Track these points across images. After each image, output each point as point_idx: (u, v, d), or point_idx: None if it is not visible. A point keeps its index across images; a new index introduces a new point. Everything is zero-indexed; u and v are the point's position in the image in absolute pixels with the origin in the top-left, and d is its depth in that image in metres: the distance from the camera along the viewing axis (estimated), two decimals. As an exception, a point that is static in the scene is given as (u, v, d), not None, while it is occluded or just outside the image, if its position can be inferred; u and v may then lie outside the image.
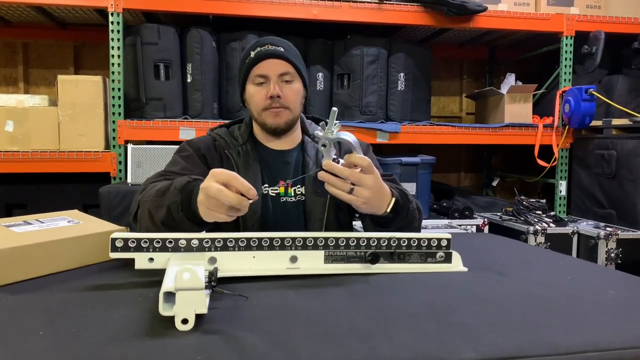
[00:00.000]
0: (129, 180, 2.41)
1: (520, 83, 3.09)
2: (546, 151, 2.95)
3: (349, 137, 0.91)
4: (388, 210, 1.01)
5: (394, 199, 1.03)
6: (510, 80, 3.07)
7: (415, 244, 0.92)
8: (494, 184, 3.68)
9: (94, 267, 0.90)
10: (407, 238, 0.92)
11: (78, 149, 2.48)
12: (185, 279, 0.59)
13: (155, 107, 2.57)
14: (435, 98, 3.65)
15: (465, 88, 3.72)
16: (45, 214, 0.93)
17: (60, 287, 0.79)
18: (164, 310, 0.62)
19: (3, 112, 2.45)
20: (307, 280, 0.85)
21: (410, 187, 2.72)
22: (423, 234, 0.93)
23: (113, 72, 2.49)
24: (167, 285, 0.61)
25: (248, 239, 0.84)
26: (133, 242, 0.78)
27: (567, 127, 2.92)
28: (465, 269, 0.95)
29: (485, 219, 2.74)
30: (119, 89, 2.49)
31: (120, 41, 2.48)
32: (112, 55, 2.48)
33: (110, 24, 2.46)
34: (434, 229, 2.58)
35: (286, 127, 1.31)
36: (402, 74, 2.86)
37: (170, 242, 0.80)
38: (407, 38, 3.21)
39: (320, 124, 0.93)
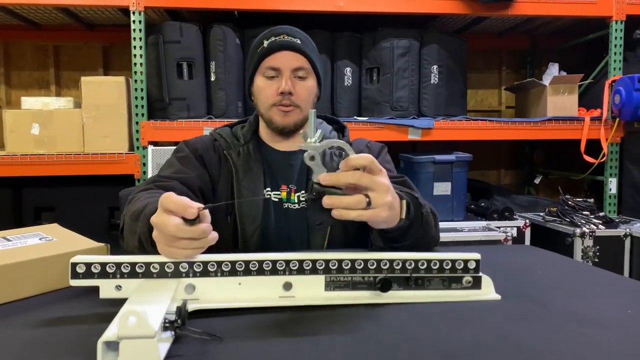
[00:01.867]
0: (152, 182, 2.35)
1: (564, 73, 2.87)
2: (594, 146, 2.73)
3: (335, 140, 0.75)
4: (403, 217, 0.84)
5: (404, 202, 0.86)
6: (553, 70, 2.86)
7: (436, 267, 0.74)
8: (537, 181, 3.45)
9: (61, 292, 0.77)
10: (426, 259, 0.74)
11: (102, 150, 2.45)
12: (130, 324, 0.48)
13: (179, 107, 2.51)
14: (472, 91, 3.46)
15: (505, 80, 3.51)
16: (18, 229, 0.85)
17: (4, 322, 0.66)
18: None
19: (29, 115, 2.44)
20: (303, 313, 0.69)
21: (445, 187, 2.56)
22: (446, 254, 0.76)
23: (135, 72, 2.44)
24: (108, 332, 0.50)
25: (233, 262, 0.70)
26: (96, 267, 0.66)
27: (618, 119, 2.69)
28: (498, 297, 0.76)
29: (527, 220, 2.55)
30: (141, 89, 2.44)
31: (142, 40, 2.43)
32: (135, 55, 2.43)
33: (132, 23, 2.41)
34: (470, 232, 2.42)
35: (294, 128, 1.20)
36: (435, 67, 2.70)
37: (141, 266, 0.67)
38: (440, 29, 3.04)
39: (301, 132, 0.76)
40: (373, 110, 2.68)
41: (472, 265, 0.75)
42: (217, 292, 0.69)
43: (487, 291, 0.76)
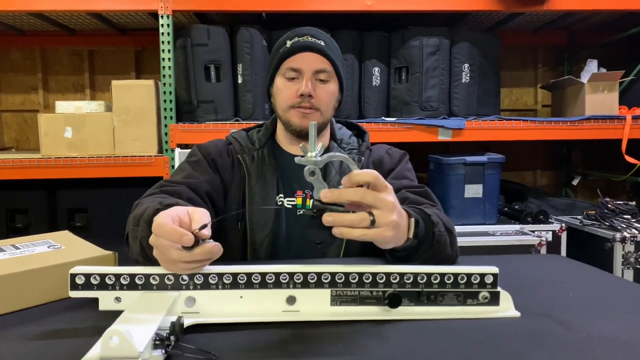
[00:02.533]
0: (179, 184, 2.37)
1: (603, 70, 2.74)
2: (636, 146, 2.60)
3: (338, 154, 0.72)
4: (411, 236, 0.79)
5: (412, 221, 0.81)
6: (591, 67, 2.73)
7: (450, 281, 0.70)
8: (575, 183, 3.32)
9: (65, 302, 0.75)
10: (439, 273, 0.69)
11: (132, 153, 2.48)
12: (113, 345, 0.46)
13: (207, 109, 2.52)
14: (506, 90, 3.35)
15: (541, 78, 3.39)
16: (27, 236, 0.85)
17: (2, 334, 0.65)
18: None
19: (62, 119, 2.50)
20: (307, 330, 0.65)
21: (477, 189, 2.49)
22: (461, 267, 0.71)
23: (164, 76, 2.46)
24: (91, 353, 0.48)
25: (234, 275, 0.67)
26: (96, 278, 0.65)
27: (662, 118, 2.55)
28: (517, 315, 0.71)
29: (563, 224, 2.44)
30: (170, 92, 2.47)
31: (170, 44, 2.45)
32: (163, 59, 2.46)
33: (160, 27, 2.44)
34: (502, 236, 2.34)
35: None
36: (466, 65, 2.63)
37: (141, 278, 0.65)
38: (472, 26, 2.95)
39: (301, 146, 0.72)
40: (402, 110, 2.63)
41: (489, 279, 0.70)
42: (218, 306, 0.67)
43: (506, 308, 0.71)
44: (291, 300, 0.68)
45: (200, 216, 0.70)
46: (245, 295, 0.67)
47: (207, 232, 0.67)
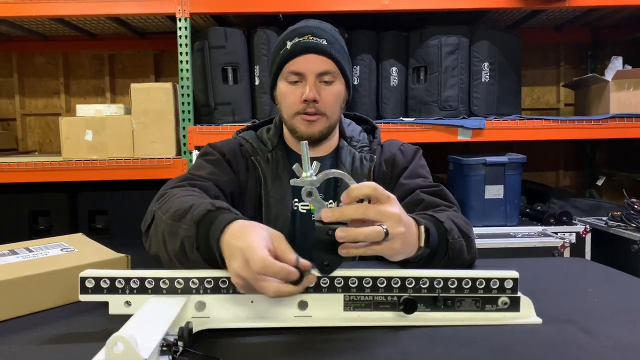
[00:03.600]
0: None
1: (629, 67, 2.67)
2: (663, 145, 2.53)
3: (333, 171, 0.69)
4: (422, 245, 0.76)
5: (422, 229, 0.77)
6: (616, 64, 2.66)
7: (468, 286, 0.67)
8: (599, 183, 3.23)
9: (76, 306, 0.74)
10: (457, 278, 0.67)
11: (151, 155, 2.50)
12: (117, 351, 0.45)
13: (224, 111, 2.53)
14: (528, 89, 3.29)
15: (563, 76, 3.32)
16: (41, 239, 0.86)
17: (14, 338, 0.65)
18: None
19: (83, 122, 2.53)
20: (319, 336, 0.63)
21: (497, 190, 2.44)
22: (479, 272, 0.68)
23: (182, 78, 2.48)
24: (96, 359, 0.47)
25: None
26: (106, 282, 0.64)
27: (690, 116, 2.47)
28: (539, 321, 0.68)
29: (587, 226, 2.38)
30: (188, 95, 2.48)
31: (188, 46, 2.46)
32: (181, 61, 2.47)
33: (178, 30, 2.45)
34: (524, 237, 2.29)
35: (320, 137, 1.13)
36: (486, 64, 2.58)
37: (150, 282, 0.65)
38: (491, 24, 2.90)
39: (294, 167, 0.69)
40: (420, 110, 2.60)
41: (509, 284, 0.68)
42: (229, 310, 0.66)
43: (527, 314, 0.68)
44: (303, 305, 0.67)
45: (284, 241, 0.68)
46: (256, 300, 0.66)
47: (303, 261, 0.66)
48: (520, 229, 2.39)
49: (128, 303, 0.65)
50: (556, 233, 2.34)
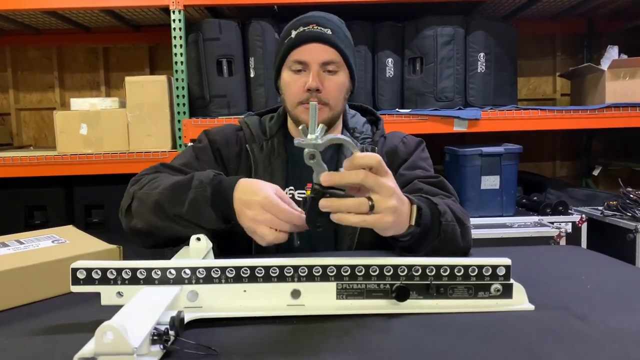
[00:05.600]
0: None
1: (625, 56, 2.66)
2: (659, 134, 2.52)
3: (338, 137, 0.70)
4: (413, 223, 0.78)
5: (415, 208, 0.79)
6: (612, 53, 2.65)
7: (460, 273, 0.66)
8: (595, 173, 3.24)
9: (69, 297, 0.73)
10: (449, 265, 0.66)
11: (146, 149, 2.49)
12: (107, 340, 0.45)
13: (219, 104, 2.52)
14: (524, 79, 3.29)
15: (559, 66, 3.31)
16: (32, 231, 0.85)
17: (4, 329, 0.65)
18: None
19: (77, 116, 2.52)
20: (312, 324, 0.63)
21: (493, 181, 2.44)
22: (472, 259, 0.67)
23: (176, 71, 2.47)
24: (86, 348, 0.47)
25: (237, 268, 0.65)
26: (98, 273, 0.63)
27: (686, 104, 2.47)
28: (531, 308, 0.68)
29: (583, 215, 2.39)
30: (182, 88, 2.47)
31: (182, 39, 2.45)
32: (175, 54, 2.46)
33: (172, 22, 2.44)
34: (520, 228, 2.29)
35: None
36: (482, 54, 2.57)
37: (142, 272, 0.64)
38: (487, 14, 2.90)
39: (300, 127, 0.71)
40: (416, 101, 2.59)
41: (501, 271, 0.67)
42: (221, 300, 0.65)
43: (519, 301, 0.68)
44: (296, 294, 0.66)
45: (286, 196, 0.87)
46: (249, 289, 0.66)
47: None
48: (517, 219, 2.39)
49: (120, 294, 0.64)
50: (552, 223, 2.34)
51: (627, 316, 0.66)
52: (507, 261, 0.67)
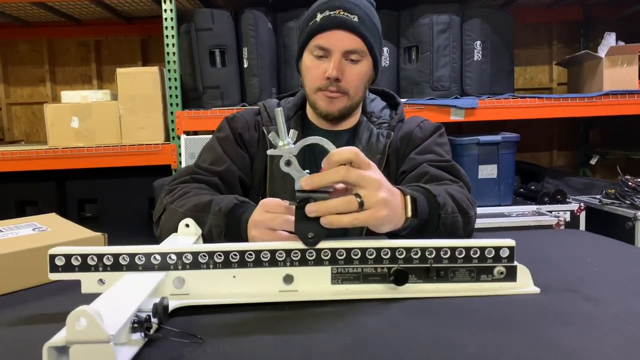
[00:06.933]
0: (187, 172, 2.34)
1: (622, 43, 2.64)
2: (657, 121, 2.50)
3: (311, 138, 0.65)
4: (409, 215, 0.73)
5: (409, 198, 0.74)
6: (609, 40, 2.63)
7: (462, 255, 0.63)
8: (593, 162, 3.22)
9: (51, 286, 0.70)
10: (450, 247, 0.63)
11: (139, 142, 2.45)
12: (80, 327, 0.41)
13: (213, 95, 2.48)
14: (520, 68, 3.26)
15: (556, 55, 3.28)
16: (14, 219, 0.82)
17: None
18: None
19: (68, 109, 2.48)
20: (306, 310, 0.60)
21: (491, 170, 2.41)
22: (474, 241, 0.64)
23: (169, 62, 2.42)
24: (58, 336, 0.43)
25: (226, 253, 0.62)
26: (77, 259, 0.60)
27: (684, 91, 2.44)
28: (537, 291, 0.65)
29: (582, 204, 2.37)
30: (175, 79, 2.43)
31: (174, 29, 2.41)
32: (167, 44, 2.42)
33: (163, 12, 2.39)
34: (519, 217, 2.27)
35: (339, 116, 1.11)
36: (478, 43, 2.54)
37: (125, 258, 0.60)
38: (483, 2, 2.86)
39: (270, 135, 0.66)
40: (412, 91, 2.56)
41: (505, 253, 0.64)
42: (209, 286, 0.62)
43: (524, 284, 0.65)
44: (288, 279, 0.63)
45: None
46: (239, 274, 0.62)
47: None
48: (515, 208, 2.37)
49: (102, 281, 0.61)
50: (551, 212, 2.32)
51: (636, 298, 0.63)
52: (511, 242, 0.64)
